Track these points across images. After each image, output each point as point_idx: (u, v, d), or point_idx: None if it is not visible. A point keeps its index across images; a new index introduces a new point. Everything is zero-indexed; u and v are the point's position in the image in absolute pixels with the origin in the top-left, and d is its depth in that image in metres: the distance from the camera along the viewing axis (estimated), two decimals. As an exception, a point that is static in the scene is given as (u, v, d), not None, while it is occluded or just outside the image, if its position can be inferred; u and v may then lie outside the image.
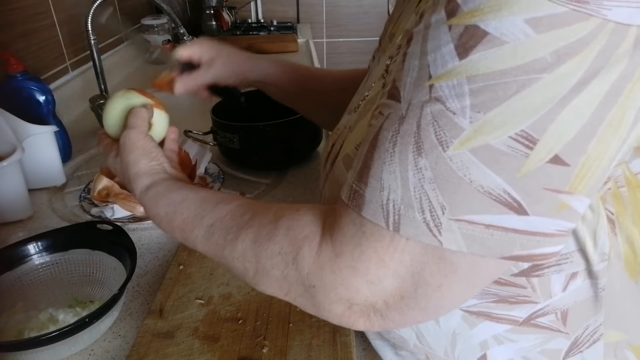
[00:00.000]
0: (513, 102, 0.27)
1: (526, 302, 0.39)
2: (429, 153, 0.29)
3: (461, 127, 0.28)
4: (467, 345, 0.42)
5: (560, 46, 0.26)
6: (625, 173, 0.36)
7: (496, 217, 0.28)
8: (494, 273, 0.34)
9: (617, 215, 0.37)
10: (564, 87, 0.26)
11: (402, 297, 0.33)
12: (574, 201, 0.29)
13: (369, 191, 0.32)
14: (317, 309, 0.36)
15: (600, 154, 0.28)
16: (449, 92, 0.28)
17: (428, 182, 0.29)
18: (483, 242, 0.29)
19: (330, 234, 0.34)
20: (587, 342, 0.40)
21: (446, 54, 0.28)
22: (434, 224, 0.29)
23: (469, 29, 0.27)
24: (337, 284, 0.33)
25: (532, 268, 0.37)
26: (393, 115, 0.31)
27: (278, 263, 0.36)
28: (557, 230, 0.29)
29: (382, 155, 0.31)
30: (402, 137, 0.30)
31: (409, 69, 0.31)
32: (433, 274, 0.31)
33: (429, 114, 0.29)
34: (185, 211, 0.44)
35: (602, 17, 0.25)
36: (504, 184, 0.28)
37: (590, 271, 0.38)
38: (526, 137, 0.27)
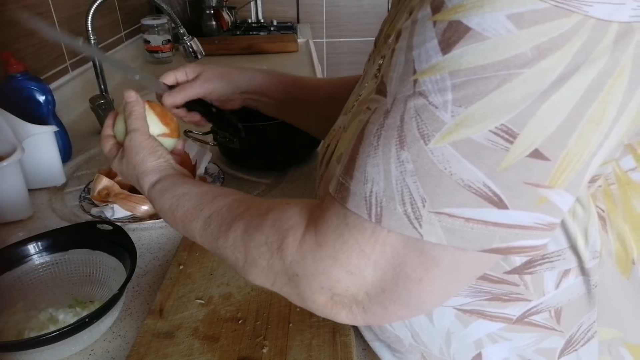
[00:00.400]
0: (494, 96, 0.27)
1: (519, 299, 0.39)
2: (411, 146, 0.29)
3: (443, 120, 0.28)
4: (461, 344, 0.42)
5: (541, 41, 0.26)
6: (615, 170, 0.37)
7: (476, 210, 0.29)
8: (476, 268, 0.34)
9: (608, 212, 0.38)
10: (544, 82, 0.27)
11: (384, 289, 0.33)
12: (553, 195, 0.29)
13: (353, 184, 0.32)
14: (301, 299, 0.37)
15: (580, 148, 0.28)
16: (432, 86, 0.29)
17: (409, 175, 0.29)
18: (463, 235, 0.30)
19: (314, 225, 0.35)
20: (581, 340, 0.40)
21: (430, 49, 0.29)
22: (415, 216, 0.30)
23: (453, 24, 0.28)
24: (319, 272, 0.34)
25: (525, 265, 0.37)
26: (379, 109, 0.32)
27: (264, 252, 0.37)
28: (536, 224, 0.30)
29: (367, 148, 0.32)
30: (386, 131, 0.31)
31: (395, 64, 0.32)
32: (414, 267, 0.32)
33: (412, 108, 0.29)
34: (186, 203, 0.46)
35: (584, 13, 0.26)
36: (484, 177, 0.28)
37: (582, 268, 0.38)
38: (506, 131, 0.27)
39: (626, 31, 0.26)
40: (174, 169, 0.54)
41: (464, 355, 0.42)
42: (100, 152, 1.00)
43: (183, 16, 2.14)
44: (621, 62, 0.27)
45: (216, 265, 0.62)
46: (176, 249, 0.67)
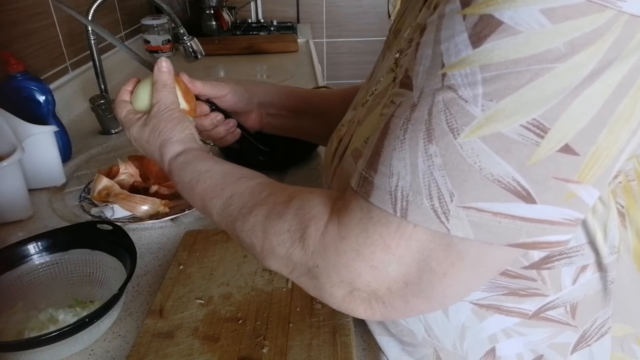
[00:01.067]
0: (526, 90, 0.27)
1: (536, 294, 0.39)
2: (440, 140, 0.29)
3: (473, 115, 0.28)
4: (476, 339, 0.42)
5: (574, 37, 0.26)
6: (635, 167, 0.37)
7: (504, 204, 0.29)
8: (500, 263, 0.34)
9: (627, 208, 0.38)
10: (577, 77, 0.26)
11: (406, 283, 0.33)
12: (581, 191, 0.29)
13: (378, 178, 0.32)
14: (318, 291, 0.37)
15: (609, 144, 0.28)
16: (461, 80, 0.28)
17: (437, 169, 0.29)
18: (490, 230, 0.29)
19: (337, 216, 0.35)
20: (595, 336, 0.40)
21: (460, 42, 0.28)
22: (442, 210, 0.29)
23: (484, 18, 0.27)
24: (340, 265, 0.34)
25: (543, 260, 0.37)
26: (405, 103, 0.32)
27: (285, 240, 0.37)
28: (564, 219, 0.29)
29: (393, 142, 0.31)
30: (413, 125, 0.30)
31: (421, 58, 0.31)
32: (439, 262, 0.31)
33: (440, 102, 0.29)
34: (208, 180, 0.46)
35: (617, 9, 0.25)
36: (513, 172, 0.28)
37: (600, 264, 0.38)
38: (537, 126, 0.27)
39: None
40: (197, 144, 0.54)
41: (477, 350, 0.42)
42: (100, 152, 1.00)
43: (183, 16, 2.14)
44: None
45: (216, 265, 0.62)
46: (176, 249, 0.67)
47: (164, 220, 0.74)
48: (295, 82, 1.45)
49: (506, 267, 0.37)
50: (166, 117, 0.54)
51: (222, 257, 0.64)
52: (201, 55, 1.12)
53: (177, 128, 0.54)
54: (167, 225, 0.74)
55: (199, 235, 0.69)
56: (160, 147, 0.53)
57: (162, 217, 0.73)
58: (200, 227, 0.73)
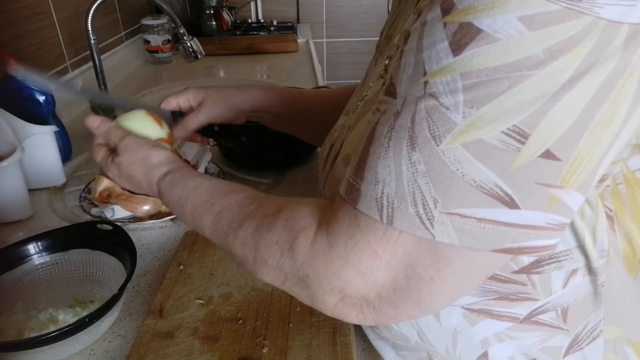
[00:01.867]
0: (505, 97, 0.27)
1: (527, 299, 0.39)
2: (423, 147, 0.29)
3: (454, 122, 0.28)
4: (468, 343, 0.42)
5: (552, 43, 0.26)
6: (623, 170, 0.37)
7: (488, 210, 0.29)
8: (486, 268, 0.34)
9: (616, 212, 0.38)
10: (556, 83, 0.27)
11: (395, 289, 0.33)
12: (565, 195, 0.29)
13: (364, 185, 0.32)
14: (311, 300, 0.37)
15: (591, 149, 0.28)
16: (442, 88, 0.29)
17: (421, 176, 0.30)
18: (475, 236, 0.30)
19: (326, 225, 0.35)
20: (587, 339, 0.40)
21: (441, 50, 0.29)
22: (427, 217, 0.30)
23: (463, 26, 0.28)
24: (330, 274, 0.34)
25: (533, 265, 0.38)
26: (389, 110, 0.32)
27: (274, 252, 0.37)
28: (548, 224, 0.30)
29: (378, 149, 0.32)
30: (396, 132, 0.31)
31: (405, 66, 0.32)
32: (425, 267, 0.32)
33: (423, 109, 0.30)
34: (197, 197, 0.46)
35: (595, 15, 0.26)
36: (495, 178, 0.28)
37: (589, 268, 0.38)
38: (518, 132, 0.28)
39: (637, 32, 0.26)
40: (180, 162, 0.54)
41: (470, 354, 0.42)
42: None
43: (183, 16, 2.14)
44: (632, 62, 0.27)
45: (216, 265, 0.62)
46: (176, 249, 0.67)
47: (164, 220, 0.74)
48: (295, 82, 1.45)
49: (494, 271, 0.37)
50: (137, 145, 0.54)
51: (222, 257, 0.64)
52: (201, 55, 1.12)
53: (154, 152, 0.54)
54: (167, 225, 0.74)
55: (199, 235, 0.69)
56: (145, 174, 0.53)
57: (162, 217, 0.73)
58: (200, 227, 0.73)
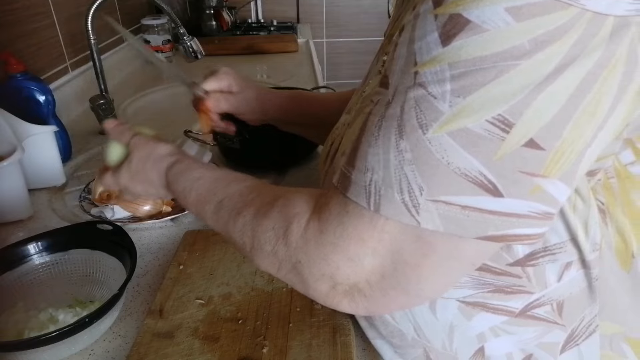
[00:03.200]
0: (492, 87, 0.28)
1: (522, 292, 0.39)
2: (410, 135, 0.30)
3: (441, 110, 0.29)
4: (464, 338, 0.42)
5: (538, 34, 0.27)
6: (614, 164, 0.37)
7: (472, 198, 0.30)
8: (473, 256, 0.35)
9: (608, 205, 0.38)
10: (541, 73, 0.27)
11: (383, 275, 0.34)
12: (548, 184, 0.30)
13: (355, 173, 0.33)
14: (304, 286, 0.38)
15: (575, 139, 0.29)
16: (431, 77, 0.29)
17: (408, 164, 0.30)
18: (459, 223, 0.30)
19: (318, 212, 0.36)
20: (583, 335, 0.41)
21: (431, 41, 0.29)
22: (412, 204, 0.30)
23: (453, 17, 0.28)
24: (320, 259, 0.35)
25: (527, 257, 0.38)
26: (381, 101, 0.33)
27: (270, 238, 0.38)
28: (531, 212, 0.30)
29: (368, 138, 0.33)
30: (386, 121, 0.31)
31: (398, 57, 0.32)
32: (411, 253, 0.32)
33: (412, 99, 0.30)
34: (200, 187, 0.47)
35: (581, 7, 0.26)
36: (480, 166, 0.29)
37: (583, 261, 0.38)
38: (503, 121, 0.28)
39: (622, 25, 0.27)
40: (185, 153, 0.55)
41: (466, 349, 0.42)
42: (100, 152, 1.00)
43: (183, 16, 2.14)
44: (616, 54, 0.27)
45: (216, 265, 0.62)
46: (176, 249, 0.67)
47: (164, 220, 0.74)
48: (295, 82, 1.45)
49: (482, 261, 0.38)
50: (143, 142, 0.55)
51: (222, 257, 0.64)
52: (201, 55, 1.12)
53: (159, 146, 0.55)
54: (167, 225, 0.74)
55: (199, 235, 0.69)
56: (153, 165, 0.54)
57: (162, 217, 0.73)
58: (200, 227, 0.73)
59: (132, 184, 0.56)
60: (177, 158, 0.53)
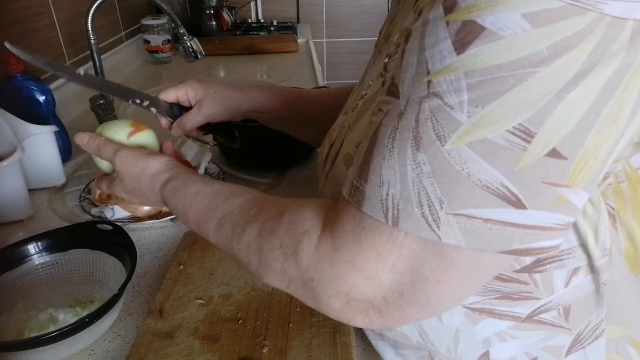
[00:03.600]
0: (510, 95, 0.27)
1: (529, 298, 0.39)
2: (427, 148, 0.29)
3: (459, 121, 0.28)
4: (469, 343, 0.42)
5: (557, 40, 0.26)
6: (625, 168, 0.37)
7: (494, 211, 0.29)
8: (493, 268, 0.34)
9: (618, 210, 0.38)
10: (561, 80, 0.26)
11: (401, 293, 0.33)
12: (571, 195, 0.29)
13: (368, 187, 0.32)
14: (316, 303, 0.37)
15: (598, 146, 0.28)
16: (446, 87, 0.28)
17: (426, 177, 0.29)
18: (481, 237, 0.29)
19: (330, 228, 0.35)
20: (589, 338, 0.40)
21: (444, 49, 0.29)
22: (432, 218, 0.30)
23: (467, 24, 0.27)
24: (335, 277, 0.34)
25: (535, 264, 0.37)
26: (392, 111, 0.32)
27: (278, 256, 0.37)
28: (555, 224, 0.29)
29: (382, 150, 0.31)
30: (400, 133, 0.30)
31: (407, 65, 0.31)
32: (432, 270, 0.31)
33: (427, 109, 0.29)
34: (199, 204, 0.46)
35: (599, 11, 0.25)
36: (502, 177, 0.28)
37: (592, 266, 0.38)
38: (524, 131, 0.27)
39: None
40: (180, 166, 0.53)
41: (471, 354, 0.42)
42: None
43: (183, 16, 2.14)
44: (637, 59, 0.26)
45: (216, 265, 0.62)
46: (176, 249, 0.67)
47: (164, 220, 0.74)
48: (295, 82, 1.45)
49: (500, 271, 0.37)
50: (132, 159, 0.54)
51: (222, 257, 0.64)
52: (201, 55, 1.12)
53: (151, 161, 0.53)
54: (167, 225, 0.74)
55: (199, 235, 0.68)
56: (148, 185, 0.53)
57: (162, 217, 0.73)
58: (200, 227, 0.73)
59: (128, 197, 0.56)
60: (170, 174, 0.52)
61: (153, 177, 0.52)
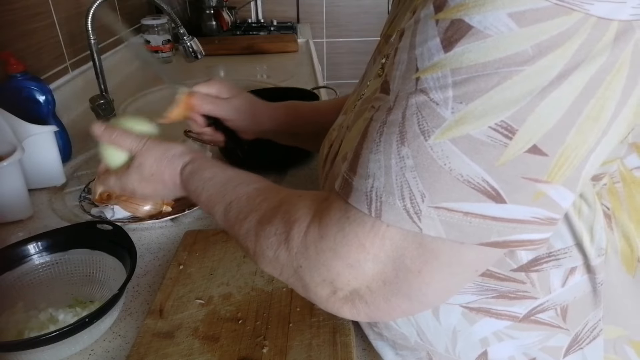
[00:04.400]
0: (494, 93, 0.27)
1: (526, 297, 0.39)
2: (412, 142, 0.30)
3: (443, 117, 0.29)
4: (467, 342, 0.42)
5: (542, 39, 0.26)
6: (620, 169, 0.37)
7: (474, 205, 0.29)
8: (476, 262, 0.34)
9: (613, 210, 0.38)
10: (545, 79, 0.27)
11: (384, 282, 0.34)
12: (551, 190, 0.30)
13: (356, 179, 0.33)
14: (305, 291, 0.38)
15: (578, 145, 0.29)
16: (433, 83, 0.29)
17: (409, 170, 0.30)
18: (461, 229, 0.30)
19: (319, 217, 0.36)
20: (587, 339, 0.41)
21: (432, 47, 0.29)
22: (414, 211, 0.30)
23: (455, 22, 0.28)
24: (320, 264, 0.35)
25: (531, 263, 0.38)
26: (382, 107, 0.33)
27: (272, 243, 0.38)
28: (534, 218, 0.30)
29: (370, 144, 0.32)
30: (388, 127, 0.31)
31: (398, 63, 0.32)
32: (413, 260, 0.32)
33: (413, 105, 0.30)
34: (211, 189, 0.48)
35: (585, 12, 0.26)
36: (483, 172, 0.29)
37: (588, 266, 0.38)
38: (506, 128, 0.28)
39: (626, 29, 0.26)
40: (199, 152, 0.55)
41: (469, 354, 0.42)
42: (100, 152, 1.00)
43: (183, 16, 2.14)
44: (620, 59, 0.27)
45: (216, 265, 0.62)
46: (176, 249, 0.67)
47: (164, 220, 0.74)
48: (295, 82, 1.45)
49: (485, 267, 0.37)
50: (155, 143, 0.55)
51: (222, 257, 0.64)
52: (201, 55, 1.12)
53: (172, 146, 0.54)
54: (167, 225, 0.74)
55: (199, 235, 0.69)
56: (168, 166, 0.53)
57: (162, 217, 0.73)
58: (200, 227, 0.73)
59: (142, 186, 0.55)
60: (191, 157, 0.53)
61: (175, 157, 0.53)
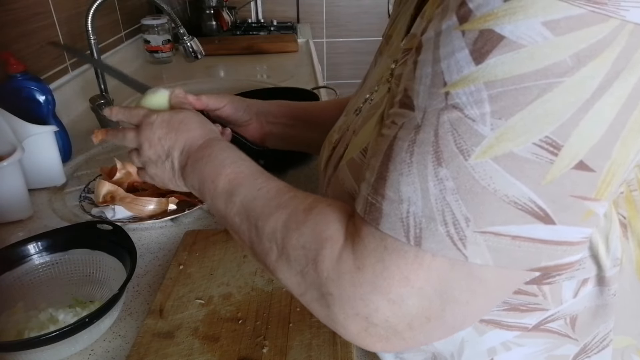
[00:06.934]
0: (534, 107, 0.26)
1: (537, 309, 0.38)
2: (450, 162, 0.28)
3: (482, 134, 0.27)
4: (474, 351, 0.41)
5: (580, 48, 0.25)
6: (638, 176, 0.36)
7: (523, 227, 0.28)
8: (517, 284, 0.33)
9: (629, 219, 0.37)
10: (586, 90, 0.26)
11: (429, 318, 0.31)
12: (599, 208, 0.28)
13: (386, 204, 0.30)
14: (332, 321, 0.34)
15: (624, 158, 0.27)
16: (466, 98, 0.27)
17: (450, 193, 0.28)
18: (510, 254, 0.28)
19: (352, 242, 0.33)
20: (595, 349, 0.40)
21: (461, 59, 0.27)
22: (458, 237, 0.28)
23: (484, 33, 0.27)
24: (356, 297, 0.32)
25: (544, 275, 0.36)
26: (407, 124, 0.30)
27: (300, 257, 0.35)
28: (582, 238, 0.29)
29: (399, 166, 0.30)
30: (419, 147, 0.29)
31: (421, 77, 0.30)
32: (462, 291, 0.30)
33: (446, 122, 0.28)
34: (242, 166, 0.46)
35: (621, 18, 0.25)
36: (529, 192, 0.27)
37: (601, 277, 0.37)
38: (550, 143, 0.26)
39: None
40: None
41: None
42: (100, 152, 1.00)
43: (183, 16, 2.14)
44: None
45: (216, 265, 0.62)
46: (176, 249, 0.67)
47: (164, 220, 0.74)
48: (295, 82, 1.45)
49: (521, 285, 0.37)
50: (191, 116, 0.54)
51: (222, 257, 0.64)
52: (201, 55, 1.12)
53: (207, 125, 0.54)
54: (167, 225, 0.74)
55: (199, 235, 0.69)
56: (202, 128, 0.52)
57: (162, 217, 0.73)
58: (200, 227, 0.73)
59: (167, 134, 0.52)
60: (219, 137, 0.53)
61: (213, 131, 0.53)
